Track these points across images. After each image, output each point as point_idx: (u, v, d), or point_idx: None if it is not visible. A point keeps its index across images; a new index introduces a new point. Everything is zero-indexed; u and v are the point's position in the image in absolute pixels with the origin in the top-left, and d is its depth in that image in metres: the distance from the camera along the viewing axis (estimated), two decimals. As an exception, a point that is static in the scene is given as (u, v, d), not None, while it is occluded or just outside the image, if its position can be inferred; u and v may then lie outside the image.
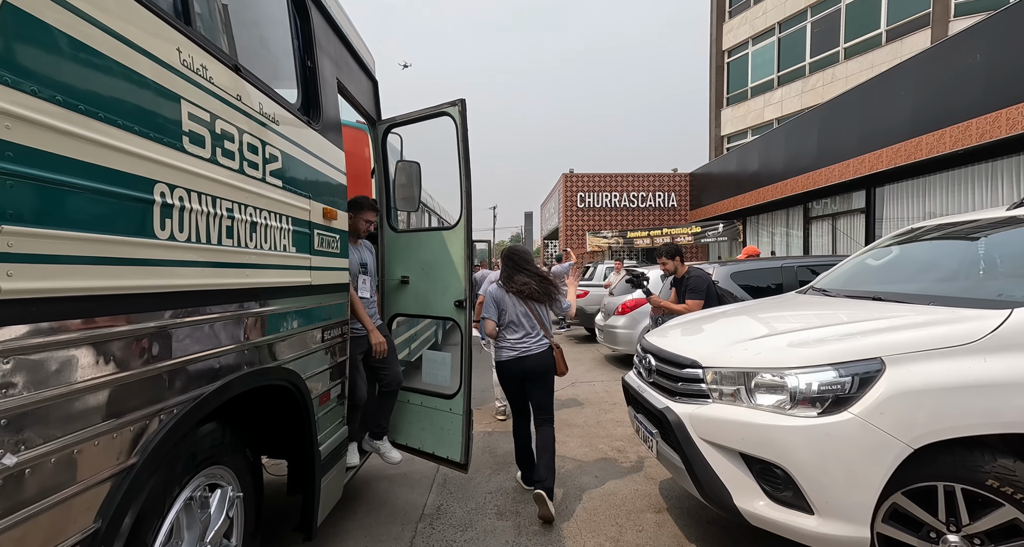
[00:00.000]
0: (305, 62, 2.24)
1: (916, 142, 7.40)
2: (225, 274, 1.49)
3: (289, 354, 1.93)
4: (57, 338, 0.96)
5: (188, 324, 1.32)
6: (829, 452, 1.65)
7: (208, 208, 1.39)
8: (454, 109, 2.87)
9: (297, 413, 2.03)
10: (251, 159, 1.64)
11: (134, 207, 1.14)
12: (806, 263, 4.46)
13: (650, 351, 2.52)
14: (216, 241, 1.43)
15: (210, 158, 1.41)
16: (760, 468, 1.82)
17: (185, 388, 1.32)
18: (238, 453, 1.78)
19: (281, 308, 1.86)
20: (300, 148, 2.04)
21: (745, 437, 1.85)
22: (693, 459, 1.99)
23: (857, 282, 2.76)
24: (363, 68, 3.14)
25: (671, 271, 3.89)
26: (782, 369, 1.83)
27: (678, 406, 2.13)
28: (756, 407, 1.88)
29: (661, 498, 2.91)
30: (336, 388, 2.46)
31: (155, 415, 1.22)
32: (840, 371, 1.71)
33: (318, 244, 2.20)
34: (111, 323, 1.08)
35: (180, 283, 1.28)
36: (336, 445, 2.42)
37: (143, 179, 1.16)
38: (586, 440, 3.98)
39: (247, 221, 1.59)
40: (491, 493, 3.11)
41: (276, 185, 1.81)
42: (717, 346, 2.16)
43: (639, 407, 2.64)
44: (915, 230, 2.81)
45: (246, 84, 1.62)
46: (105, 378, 1.07)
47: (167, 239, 1.23)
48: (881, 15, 13.77)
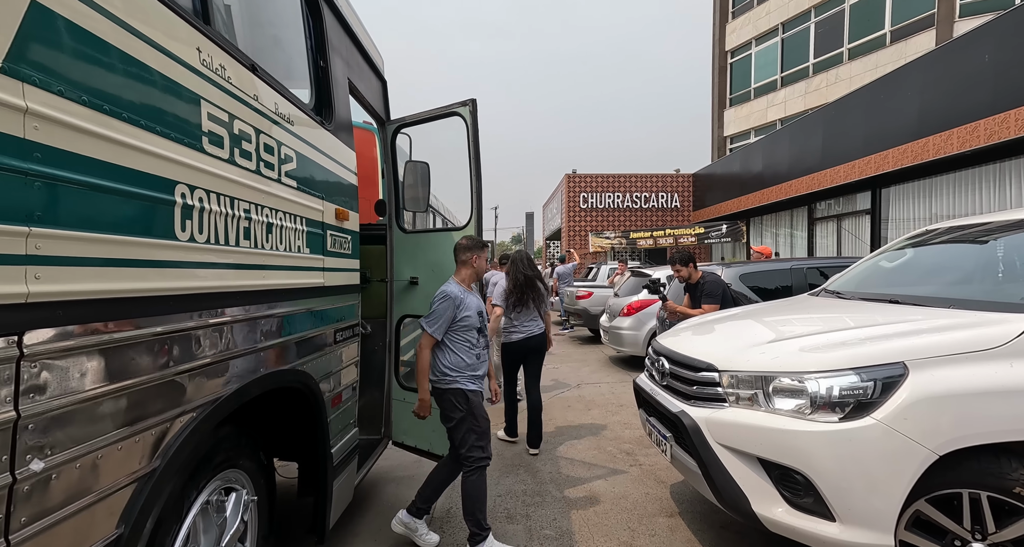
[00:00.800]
0: (318, 62, 2.23)
1: (923, 143, 7.37)
2: (242, 276, 1.47)
3: (303, 356, 1.92)
4: (82, 342, 0.94)
5: (207, 326, 1.30)
6: (852, 458, 1.63)
7: (226, 209, 1.37)
8: (464, 109, 2.85)
9: (309, 415, 2.01)
10: (267, 159, 1.62)
11: (155, 208, 1.12)
12: (816, 265, 4.44)
13: (663, 354, 2.50)
14: (234, 242, 1.41)
15: (228, 159, 1.39)
16: (779, 474, 1.80)
17: (204, 391, 1.30)
18: (252, 456, 1.77)
19: (295, 309, 1.85)
20: (313, 148, 2.03)
21: (764, 442, 1.83)
22: (710, 464, 1.97)
23: (872, 284, 2.73)
24: (373, 68, 3.13)
25: (685, 278, 3.91)
26: (801, 373, 1.81)
27: (694, 410, 2.11)
28: (775, 411, 1.85)
29: (673, 502, 2.89)
30: (348, 390, 2.45)
31: (176, 418, 1.20)
32: (862, 375, 1.69)
33: (331, 245, 2.18)
34: (133, 326, 1.07)
35: (199, 285, 1.27)
36: (348, 448, 2.40)
37: (164, 180, 1.15)
38: (594, 442, 3.96)
39: (263, 222, 1.58)
40: (500, 496, 3.09)
41: (291, 186, 1.80)
42: (733, 349, 2.14)
43: (651, 410, 2.63)
44: (929, 232, 2.79)
45: (262, 84, 1.61)
46: (127, 382, 1.05)
47: (187, 241, 1.22)
48: (885, 16, 13.73)
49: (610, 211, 18.40)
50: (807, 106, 15.39)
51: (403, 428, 3.19)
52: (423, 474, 3.44)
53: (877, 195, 9.09)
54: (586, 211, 18.40)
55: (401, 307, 3.25)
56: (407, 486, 3.30)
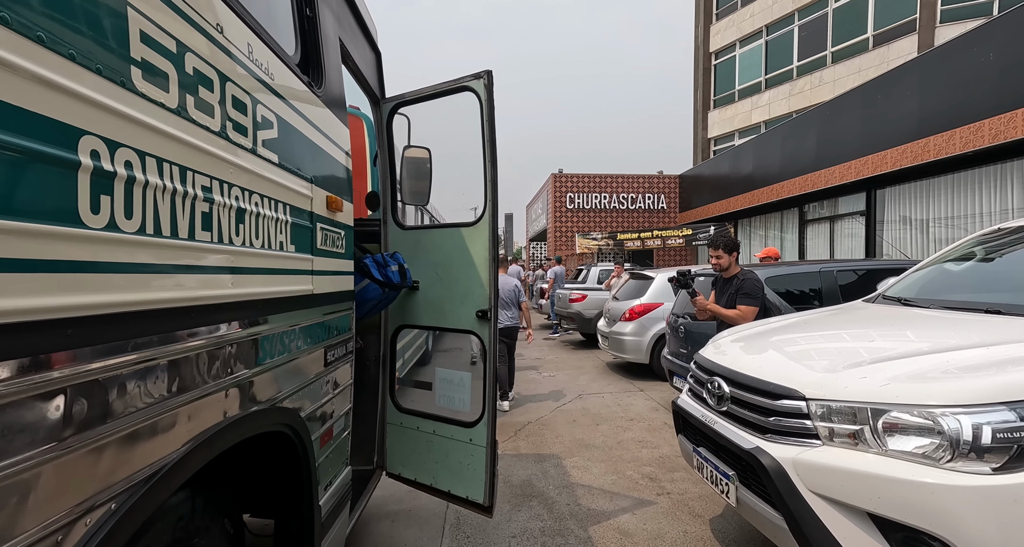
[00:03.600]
0: (304, 9, 1.75)
1: (923, 143, 7.26)
2: (201, 283, 1.00)
3: (285, 388, 1.45)
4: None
5: (135, 364, 0.83)
6: (1016, 524, 1.26)
7: (174, 184, 0.90)
8: (479, 83, 2.40)
9: (292, 462, 1.54)
10: (237, 120, 1.15)
11: (41, 171, 0.65)
12: (845, 267, 4.10)
13: (720, 374, 2.11)
14: (187, 234, 0.94)
15: (176, 108, 0.92)
16: (904, 537, 1.42)
17: (132, 466, 0.83)
18: (214, 528, 1.29)
19: (276, 328, 1.38)
20: (300, 117, 1.56)
21: (882, 495, 1.44)
22: (801, 518, 1.58)
23: (944, 291, 2.41)
24: (367, 35, 2.66)
25: (724, 267, 3.32)
26: (928, 407, 1.44)
27: (774, 448, 1.72)
28: (890, 455, 1.48)
29: (717, 542, 2.50)
30: (339, 422, 1.98)
31: (77, 521, 0.73)
32: (1020, 412, 1.33)
33: (321, 242, 1.71)
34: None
35: (123, 300, 0.80)
36: (340, 494, 1.93)
37: (57, 124, 0.68)
38: (611, 465, 3.55)
39: (232, 206, 1.11)
40: (514, 537, 2.65)
41: (271, 160, 1.33)
42: (821, 371, 1.76)
43: (701, 440, 2.23)
44: (1002, 231, 2.48)
45: (229, 11, 1.14)
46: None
47: (103, 228, 0.75)
48: (868, 20, 13.86)
49: (596, 212, 18.14)
50: (791, 108, 15.45)
51: (400, 458, 2.71)
52: (421, 507, 2.98)
53: (872, 196, 9.01)
54: (572, 211, 18.09)
55: (398, 316, 2.78)
56: (404, 523, 2.83)
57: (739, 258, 3.45)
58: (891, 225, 8.76)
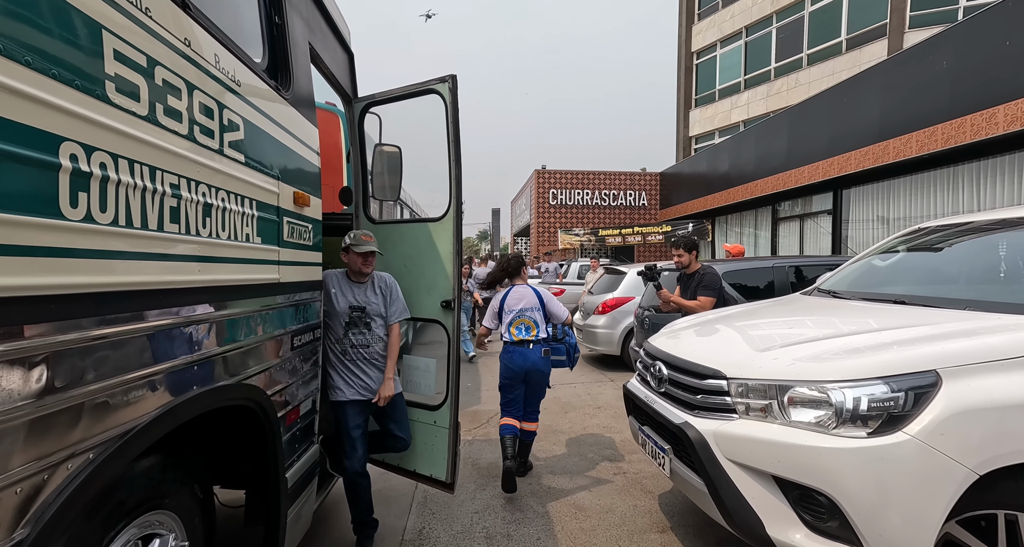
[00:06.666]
0: (272, 18, 1.88)
1: (884, 146, 7.60)
2: (168, 269, 1.14)
3: (252, 367, 1.59)
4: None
5: (109, 336, 0.97)
6: (883, 478, 1.47)
7: (144, 182, 1.04)
8: (443, 86, 2.55)
9: (259, 436, 1.69)
10: (204, 124, 1.29)
11: (29, 173, 0.80)
12: (796, 263, 4.38)
13: (660, 358, 2.31)
14: (156, 226, 1.09)
15: (147, 115, 1.06)
16: (798, 494, 1.63)
17: (106, 424, 0.98)
18: (184, 491, 1.43)
19: (243, 311, 1.52)
20: (267, 118, 1.70)
21: (781, 459, 1.65)
22: (718, 482, 1.79)
23: (868, 284, 2.64)
24: (339, 37, 2.78)
25: (684, 265, 3.63)
26: (822, 382, 1.65)
27: (699, 422, 1.92)
28: (792, 425, 1.68)
29: (663, 515, 2.71)
30: (307, 402, 2.12)
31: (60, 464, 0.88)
32: (892, 385, 1.54)
33: (288, 234, 1.85)
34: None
35: (96, 281, 0.94)
36: (306, 469, 2.08)
37: (42, 134, 0.82)
38: (575, 448, 3.76)
39: (199, 202, 1.25)
40: (478, 512, 2.83)
41: (237, 160, 1.47)
42: (741, 354, 1.97)
43: (645, 419, 2.43)
44: (922, 230, 2.72)
45: (197, 27, 1.27)
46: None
47: (80, 220, 0.89)
48: (842, 24, 14.24)
49: (579, 208, 18.38)
50: (768, 109, 15.81)
51: (370, 440, 2.86)
52: (392, 488, 3.14)
53: (839, 196, 9.37)
54: (555, 208, 18.30)
55: (369, 306, 2.92)
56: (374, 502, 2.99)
57: (699, 255, 3.72)
58: (856, 224, 9.13)
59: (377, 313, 2.42)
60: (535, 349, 3.05)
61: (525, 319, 3.11)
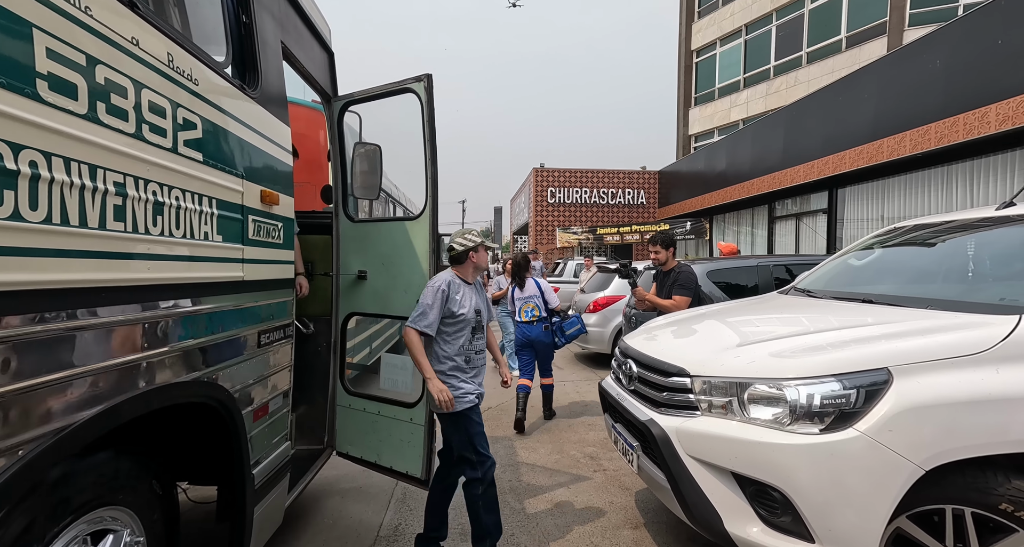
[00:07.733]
0: (239, 16, 1.89)
1: (878, 145, 7.57)
2: (113, 267, 1.16)
3: (212, 364, 1.60)
4: None
5: (35, 335, 0.98)
6: (833, 474, 1.48)
7: (82, 180, 1.06)
8: (419, 85, 2.56)
9: (224, 433, 1.71)
10: (154, 122, 1.30)
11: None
12: (782, 262, 4.39)
13: (631, 356, 2.32)
14: (97, 224, 1.10)
15: (86, 114, 1.08)
16: (755, 490, 1.64)
17: (38, 421, 0.99)
18: (141, 487, 1.45)
19: (202, 308, 1.54)
20: (230, 117, 1.71)
21: (738, 455, 1.66)
22: (679, 478, 1.80)
23: (842, 283, 2.64)
24: (316, 36, 2.79)
25: (661, 262, 3.61)
26: (779, 380, 1.66)
27: (663, 419, 1.93)
28: (750, 422, 1.69)
29: (638, 512, 2.73)
30: (276, 399, 2.14)
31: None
32: (844, 382, 1.55)
33: (253, 233, 1.87)
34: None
35: (27, 279, 0.96)
36: (276, 466, 2.10)
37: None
38: (556, 445, 3.77)
39: (147, 200, 1.26)
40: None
41: (193, 159, 1.48)
42: (706, 352, 1.98)
43: (618, 416, 2.45)
44: (897, 229, 2.72)
45: (146, 25, 1.29)
46: None
47: (6, 218, 0.90)
48: (841, 22, 14.17)
49: (577, 206, 18.37)
50: (767, 107, 15.76)
51: (348, 437, 2.89)
52: (372, 485, 3.16)
53: (834, 195, 9.34)
54: (554, 206, 18.30)
55: (348, 304, 2.94)
56: (353, 499, 3.02)
57: (708, 251, 3.74)
58: (851, 223, 9.11)
59: (487, 315, 2.44)
60: (537, 326, 4.26)
61: (530, 304, 4.31)
